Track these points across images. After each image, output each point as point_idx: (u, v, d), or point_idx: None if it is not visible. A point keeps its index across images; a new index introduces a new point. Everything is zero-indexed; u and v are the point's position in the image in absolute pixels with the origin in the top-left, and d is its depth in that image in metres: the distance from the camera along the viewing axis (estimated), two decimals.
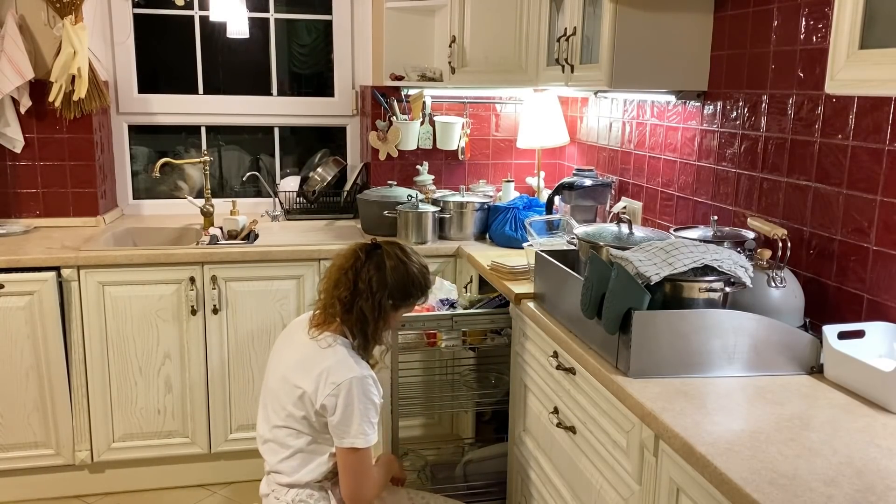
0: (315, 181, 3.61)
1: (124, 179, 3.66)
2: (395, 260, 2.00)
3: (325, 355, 1.92)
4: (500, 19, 3.05)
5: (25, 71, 3.09)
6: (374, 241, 2.04)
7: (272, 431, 1.99)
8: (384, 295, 1.96)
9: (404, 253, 2.03)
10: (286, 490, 1.97)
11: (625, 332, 1.68)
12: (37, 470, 2.95)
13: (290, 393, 1.94)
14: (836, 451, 1.35)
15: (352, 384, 1.87)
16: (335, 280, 1.98)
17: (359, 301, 1.94)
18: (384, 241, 2.05)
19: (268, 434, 2.01)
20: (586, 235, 2.05)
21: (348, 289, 1.95)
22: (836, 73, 1.45)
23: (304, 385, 1.90)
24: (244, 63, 3.81)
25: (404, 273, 2.00)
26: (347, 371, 1.89)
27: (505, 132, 3.69)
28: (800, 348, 1.71)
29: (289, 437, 1.96)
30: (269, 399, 2.03)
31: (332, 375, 1.88)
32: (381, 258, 1.98)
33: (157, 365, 2.95)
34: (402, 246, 2.05)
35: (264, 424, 2.03)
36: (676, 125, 2.62)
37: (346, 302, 1.95)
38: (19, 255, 2.78)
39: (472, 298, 2.69)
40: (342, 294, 1.95)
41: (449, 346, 2.62)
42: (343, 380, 1.87)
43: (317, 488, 1.98)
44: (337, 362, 1.91)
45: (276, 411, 1.98)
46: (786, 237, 1.90)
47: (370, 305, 1.95)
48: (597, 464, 1.84)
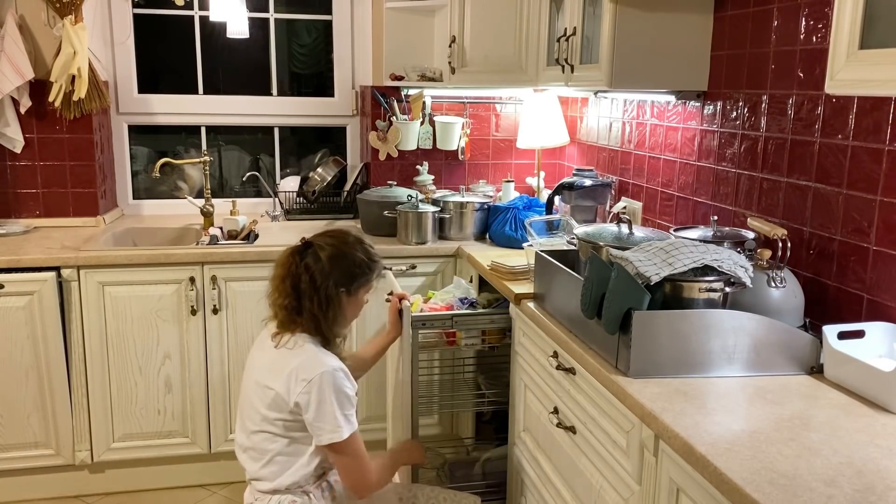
0: (315, 181, 3.61)
1: (124, 179, 3.66)
2: (329, 248, 1.98)
3: (293, 354, 1.92)
4: (500, 19, 3.05)
5: (25, 71, 3.09)
6: (304, 240, 2.02)
7: (250, 438, 1.98)
8: (329, 285, 1.95)
9: (338, 238, 2.01)
10: (268, 498, 1.96)
11: (625, 332, 1.68)
12: (37, 470, 2.95)
13: (262, 396, 1.93)
14: (836, 451, 1.35)
15: (322, 379, 1.87)
16: (276, 290, 1.97)
17: (304, 302, 1.94)
18: (316, 235, 2.03)
19: (246, 441, 2.00)
20: (586, 235, 2.05)
21: (289, 294, 1.94)
22: (836, 73, 1.45)
23: (275, 386, 1.90)
24: (244, 63, 3.81)
25: (342, 257, 1.98)
26: (317, 366, 1.88)
27: (505, 132, 3.69)
28: (800, 348, 1.71)
29: (266, 442, 1.95)
30: (244, 406, 2.02)
31: (301, 373, 1.88)
32: (314, 253, 1.97)
33: (157, 365, 2.95)
34: (335, 232, 2.04)
35: (242, 433, 2.02)
36: (676, 125, 2.62)
37: (292, 308, 1.94)
38: (19, 255, 2.79)
39: (490, 297, 2.69)
40: (286, 302, 1.94)
41: (468, 344, 2.63)
42: (313, 376, 1.87)
43: (299, 493, 1.97)
44: (306, 359, 1.90)
45: (251, 417, 1.97)
46: (786, 237, 1.91)
47: (317, 302, 1.94)
48: (597, 464, 1.84)
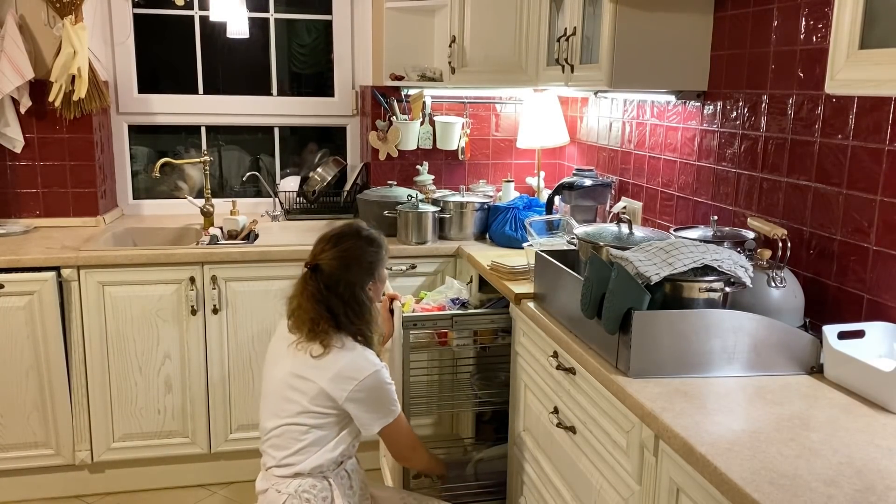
0: (315, 181, 3.61)
1: (124, 179, 3.66)
2: (335, 262, 1.99)
3: (341, 354, 1.95)
4: (500, 19, 3.05)
5: (25, 71, 3.09)
6: (308, 265, 2.03)
7: (280, 428, 1.98)
8: (356, 291, 1.99)
9: (335, 245, 2.02)
10: (288, 482, 1.96)
11: (625, 332, 1.68)
12: (37, 470, 2.95)
13: (304, 389, 1.95)
14: (836, 451, 1.35)
15: (373, 378, 1.95)
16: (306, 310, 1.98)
17: (341, 319, 1.97)
18: (314, 255, 2.03)
19: (274, 431, 2.00)
20: (586, 235, 2.05)
21: (325, 315, 1.96)
22: (836, 73, 1.45)
23: (319, 381, 1.93)
24: (244, 63, 3.81)
25: (352, 260, 2.00)
26: (366, 366, 1.95)
27: (505, 132, 3.69)
28: (800, 348, 1.71)
29: (297, 432, 1.96)
30: (273, 398, 2.02)
31: (351, 372, 1.93)
32: (324, 272, 1.98)
33: (157, 365, 2.95)
34: (329, 241, 2.04)
35: (272, 420, 2.02)
36: (676, 125, 2.62)
37: (331, 326, 1.97)
38: (19, 255, 2.79)
39: (482, 298, 2.69)
40: (323, 322, 1.96)
41: (460, 344, 2.62)
42: (364, 376, 1.94)
43: (319, 478, 1.98)
44: (354, 358, 1.96)
45: (284, 409, 1.98)
46: (786, 237, 1.90)
47: (353, 311, 1.98)
48: (597, 464, 1.84)
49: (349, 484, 2.04)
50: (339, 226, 2.09)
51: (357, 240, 2.04)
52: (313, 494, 1.95)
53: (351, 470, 2.07)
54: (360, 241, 2.04)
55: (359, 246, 2.02)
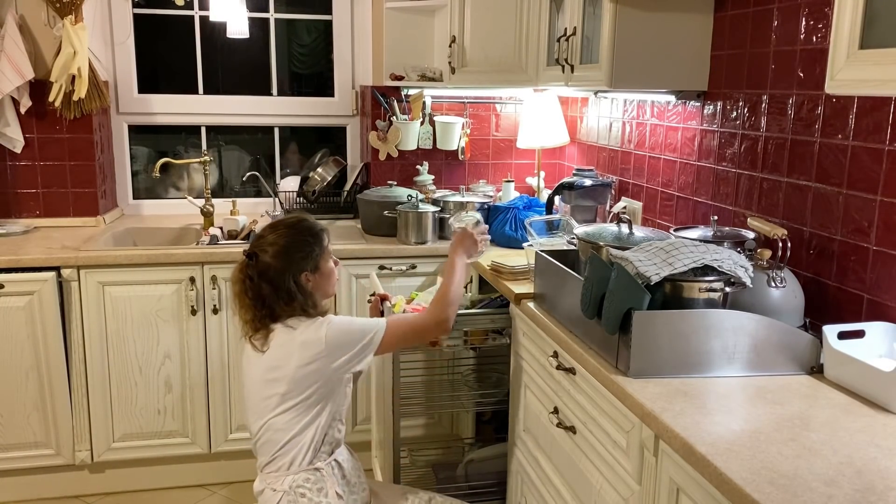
0: (315, 181, 3.61)
1: (124, 179, 3.66)
2: (271, 248, 1.99)
3: (293, 332, 1.97)
4: (500, 19, 3.05)
5: (25, 71, 3.09)
6: (245, 252, 2.03)
7: (264, 426, 1.99)
8: (288, 279, 1.98)
9: (275, 233, 2.02)
10: (282, 479, 1.97)
11: (625, 332, 1.68)
12: (37, 470, 2.95)
13: (279, 377, 1.96)
14: (836, 451, 1.35)
15: (329, 323, 1.97)
16: (242, 306, 2.01)
17: (275, 306, 1.98)
18: (254, 242, 2.04)
19: (258, 431, 2.01)
20: (586, 235, 2.05)
21: (256, 306, 1.98)
22: (836, 73, 1.45)
23: (291, 365, 1.94)
24: (244, 63, 3.81)
25: (287, 248, 2.00)
26: (316, 325, 1.97)
27: (505, 132, 3.69)
28: (800, 348, 1.71)
29: (282, 424, 1.96)
30: (253, 399, 2.03)
31: (311, 334, 1.95)
32: (260, 259, 1.99)
33: (157, 365, 2.95)
34: (269, 228, 2.05)
35: (256, 421, 2.03)
36: (676, 125, 2.62)
37: (266, 316, 1.99)
38: (19, 255, 2.79)
39: (474, 298, 2.68)
40: (258, 314, 1.99)
41: (451, 346, 2.61)
42: (322, 327, 1.95)
43: (311, 471, 1.98)
44: (306, 326, 1.97)
45: (265, 405, 1.98)
46: (786, 237, 1.90)
47: (284, 298, 1.98)
48: (597, 464, 1.84)
49: (342, 474, 2.03)
50: (280, 218, 2.11)
51: (293, 228, 2.04)
52: (307, 488, 1.95)
53: (343, 460, 2.06)
54: (297, 229, 2.04)
55: (293, 234, 2.02)
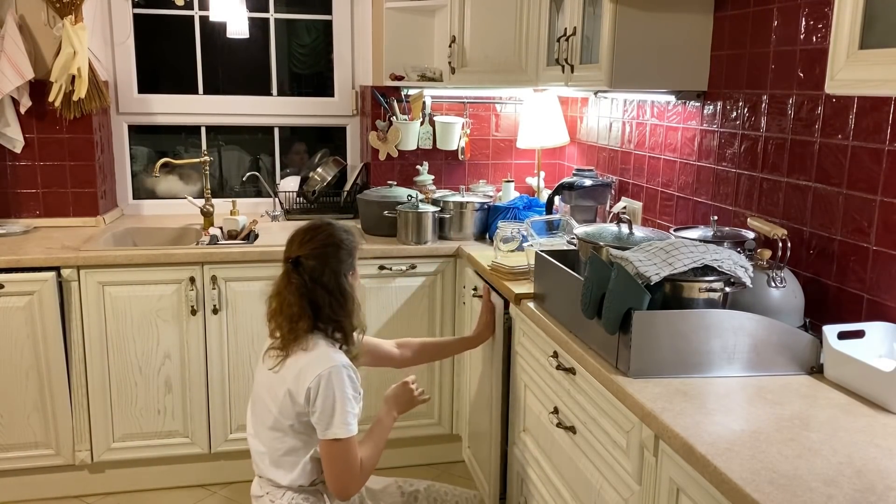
0: (315, 181, 3.61)
1: (124, 179, 3.66)
2: (315, 251, 1.96)
3: (304, 354, 1.92)
4: (500, 19, 3.05)
5: (25, 71, 3.09)
6: (288, 259, 1.99)
7: (261, 436, 1.99)
8: (340, 279, 1.95)
9: (312, 237, 1.99)
10: (282, 492, 1.96)
11: (625, 332, 1.68)
12: (37, 470, 2.95)
13: (276, 398, 1.93)
14: (836, 451, 1.35)
15: (331, 374, 1.87)
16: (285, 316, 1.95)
17: (324, 311, 1.94)
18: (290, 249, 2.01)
19: (257, 440, 2.01)
20: (586, 235, 2.05)
21: (304, 313, 1.93)
22: (836, 73, 1.45)
23: (287, 384, 1.90)
24: (244, 63, 3.81)
25: (331, 248, 1.97)
26: (326, 361, 1.89)
27: (505, 132, 3.69)
28: (800, 348, 1.71)
29: (276, 441, 1.95)
30: (257, 406, 2.02)
31: (311, 368, 1.88)
32: (307, 264, 1.95)
33: (157, 365, 2.95)
34: (304, 234, 2.01)
35: (253, 430, 2.03)
36: (676, 125, 2.62)
37: (308, 328, 1.94)
38: (19, 255, 2.78)
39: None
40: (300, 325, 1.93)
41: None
42: (322, 370, 1.87)
43: (311, 492, 1.97)
44: (316, 356, 1.91)
45: (263, 419, 1.98)
46: (786, 237, 1.91)
47: (336, 302, 1.94)
48: (597, 464, 1.84)
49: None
50: (309, 222, 2.07)
51: (331, 228, 2.02)
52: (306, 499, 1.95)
53: None
54: (336, 230, 2.02)
55: (337, 235, 2.00)
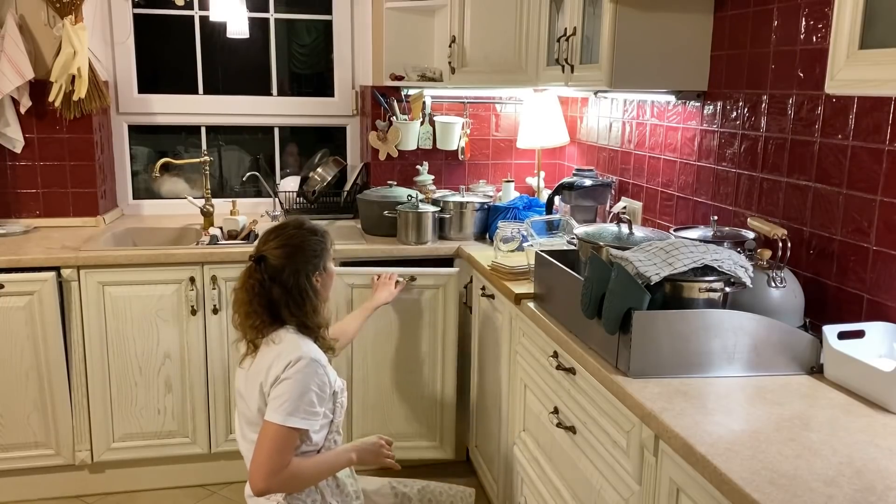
0: (315, 181, 3.61)
1: (124, 179, 3.66)
2: (279, 249, 1.95)
3: (273, 347, 1.91)
4: (500, 19, 3.05)
5: (25, 71, 3.09)
6: (252, 257, 1.99)
7: (245, 436, 2.00)
8: (301, 280, 1.94)
9: (280, 235, 1.98)
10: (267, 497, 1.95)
11: (625, 332, 1.68)
12: (37, 470, 2.95)
13: (252, 395, 1.93)
14: (836, 451, 1.35)
15: (299, 362, 1.85)
16: (246, 314, 1.95)
17: (282, 311, 1.93)
18: (259, 245, 2.00)
19: (244, 441, 2.02)
20: (586, 235, 2.05)
21: (263, 311, 1.93)
22: (836, 73, 1.45)
23: (260, 378, 1.89)
24: (244, 63, 3.81)
25: (296, 248, 1.96)
26: (295, 351, 1.87)
27: (505, 132, 3.69)
28: (800, 348, 1.71)
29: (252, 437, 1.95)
30: (239, 405, 2.04)
31: (281, 358, 1.86)
32: (269, 261, 1.94)
33: (157, 365, 2.95)
34: (273, 232, 2.01)
35: (240, 431, 2.05)
36: (676, 125, 2.62)
37: (269, 323, 1.93)
38: (19, 255, 2.78)
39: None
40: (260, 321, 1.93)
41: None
42: (292, 357, 1.85)
43: (310, 490, 1.96)
44: (286, 347, 1.89)
45: (247, 418, 1.99)
46: (786, 237, 1.91)
47: (294, 302, 1.93)
48: (597, 464, 1.84)
49: (336, 483, 2.02)
50: (281, 221, 2.07)
51: (300, 230, 2.01)
52: (301, 500, 1.95)
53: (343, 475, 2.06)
54: (303, 230, 2.01)
55: (301, 235, 1.99)
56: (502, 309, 2.56)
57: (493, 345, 2.67)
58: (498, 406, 2.64)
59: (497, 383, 2.64)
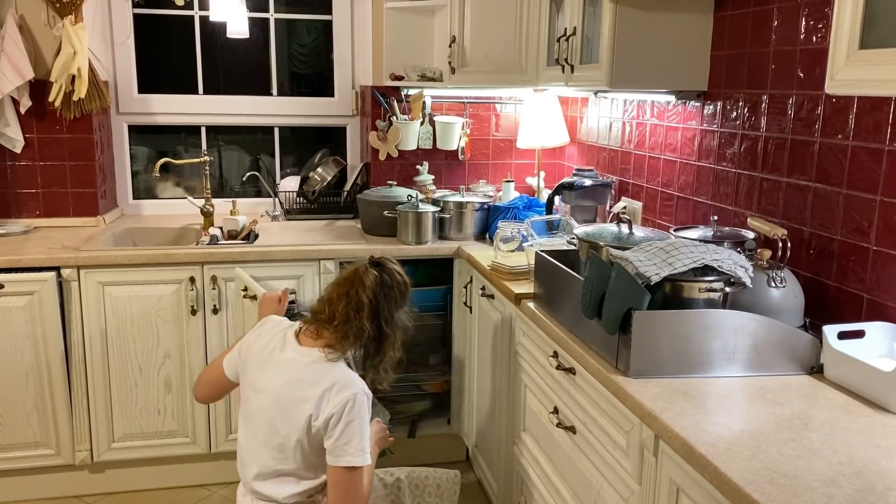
0: (315, 181, 3.61)
1: (124, 179, 3.66)
2: (402, 275, 1.96)
3: (327, 369, 1.85)
4: (500, 19, 3.05)
5: (25, 71, 3.09)
6: (373, 258, 1.98)
7: (261, 449, 1.92)
8: (398, 309, 1.93)
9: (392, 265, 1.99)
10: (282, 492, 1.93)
11: (625, 332, 1.68)
12: (37, 470, 2.95)
13: (287, 414, 1.85)
14: (836, 451, 1.35)
15: (356, 399, 1.81)
16: (356, 302, 1.88)
17: (380, 319, 1.89)
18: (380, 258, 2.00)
19: (253, 453, 1.94)
20: (586, 235, 2.05)
21: (369, 307, 1.88)
22: (836, 73, 1.45)
23: (306, 405, 1.82)
24: (244, 63, 3.81)
25: (402, 283, 1.97)
26: (355, 385, 1.84)
27: (505, 132, 3.69)
28: (800, 348, 1.71)
29: (277, 461, 1.89)
30: (259, 419, 1.93)
31: (337, 390, 1.81)
32: (390, 270, 1.94)
33: (157, 365, 2.95)
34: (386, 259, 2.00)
35: (251, 440, 1.96)
36: (676, 125, 2.62)
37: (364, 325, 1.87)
38: (19, 255, 2.78)
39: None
40: (362, 316, 1.87)
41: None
42: (350, 394, 1.81)
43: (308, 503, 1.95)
44: (342, 375, 1.85)
45: (267, 433, 1.90)
46: (786, 237, 1.91)
47: (391, 323, 1.92)
48: (597, 464, 1.84)
49: None
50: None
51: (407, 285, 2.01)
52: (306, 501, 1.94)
53: None
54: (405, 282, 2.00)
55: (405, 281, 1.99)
56: (502, 309, 2.56)
57: (493, 345, 2.67)
58: (498, 406, 2.64)
59: (497, 383, 2.64)
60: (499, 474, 2.68)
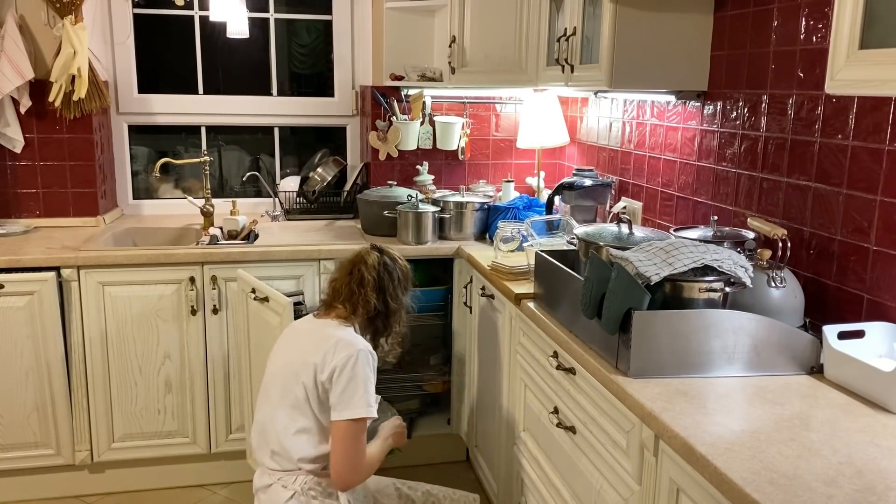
0: (315, 181, 3.61)
1: (124, 179, 3.66)
2: (401, 260, 2.17)
3: (334, 331, 2.00)
4: (500, 19, 3.05)
5: (25, 71, 3.09)
6: (374, 244, 2.18)
7: (276, 412, 1.99)
8: (402, 289, 2.12)
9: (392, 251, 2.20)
10: (293, 478, 1.96)
11: (625, 332, 1.68)
12: (37, 470, 2.95)
13: (297, 372, 1.96)
14: (836, 451, 1.35)
15: (359, 355, 1.93)
16: (359, 278, 2.06)
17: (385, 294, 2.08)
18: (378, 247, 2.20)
19: (269, 418, 2.01)
20: (586, 235, 2.05)
21: (372, 283, 2.05)
22: (836, 73, 1.45)
23: (312, 359, 1.95)
24: (244, 63, 3.81)
25: (404, 267, 2.17)
26: (357, 342, 1.97)
27: (505, 132, 3.69)
28: (800, 348, 1.71)
29: (291, 420, 1.97)
30: (272, 384, 2.05)
31: (342, 345, 1.94)
32: (390, 255, 2.14)
33: (157, 365, 2.95)
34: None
35: (266, 407, 2.04)
36: (676, 125, 2.62)
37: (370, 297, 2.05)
38: (19, 255, 2.78)
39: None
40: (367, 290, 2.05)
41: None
42: (354, 350, 1.93)
43: (325, 475, 1.98)
44: (348, 334, 1.99)
45: (281, 394, 2.00)
46: (786, 237, 1.91)
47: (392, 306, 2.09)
48: (597, 464, 1.84)
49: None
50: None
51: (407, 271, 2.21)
52: (318, 491, 1.96)
53: None
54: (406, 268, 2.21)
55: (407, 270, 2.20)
56: (502, 309, 2.56)
57: (493, 345, 2.67)
58: (498, 406, 2.64)
59: (497, 383, 2.64)
60: (499, 474, 2.68)
